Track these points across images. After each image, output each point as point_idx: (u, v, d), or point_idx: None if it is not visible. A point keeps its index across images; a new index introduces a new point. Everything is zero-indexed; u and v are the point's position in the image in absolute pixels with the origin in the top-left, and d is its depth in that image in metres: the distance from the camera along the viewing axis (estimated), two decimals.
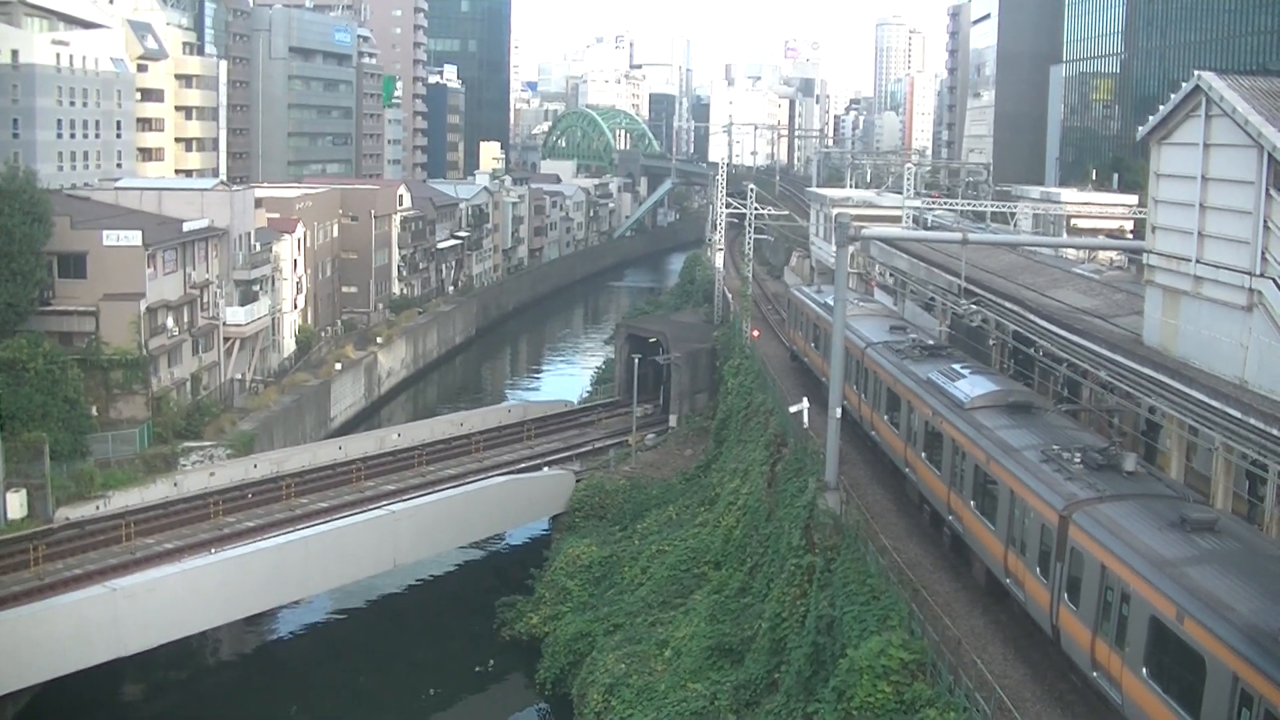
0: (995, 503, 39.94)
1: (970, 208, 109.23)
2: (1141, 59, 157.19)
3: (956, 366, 51.56)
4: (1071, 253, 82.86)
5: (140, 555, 69.06)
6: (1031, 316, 53.92)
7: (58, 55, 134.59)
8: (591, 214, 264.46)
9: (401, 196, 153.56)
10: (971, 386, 47.54)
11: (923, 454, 49.11)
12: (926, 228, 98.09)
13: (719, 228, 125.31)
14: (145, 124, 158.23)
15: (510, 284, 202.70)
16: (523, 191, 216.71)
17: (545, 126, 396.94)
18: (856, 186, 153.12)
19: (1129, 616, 30.10)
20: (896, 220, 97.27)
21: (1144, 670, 29.29)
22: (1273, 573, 28.78)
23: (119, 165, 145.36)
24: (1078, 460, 37.35)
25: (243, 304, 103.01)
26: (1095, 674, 32.03)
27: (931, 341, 60.03)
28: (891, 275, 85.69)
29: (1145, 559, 30.17)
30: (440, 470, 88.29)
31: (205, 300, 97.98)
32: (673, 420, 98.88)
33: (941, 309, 70.55)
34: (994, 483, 40.18)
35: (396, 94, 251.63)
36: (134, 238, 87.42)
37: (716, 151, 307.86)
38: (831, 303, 61.52)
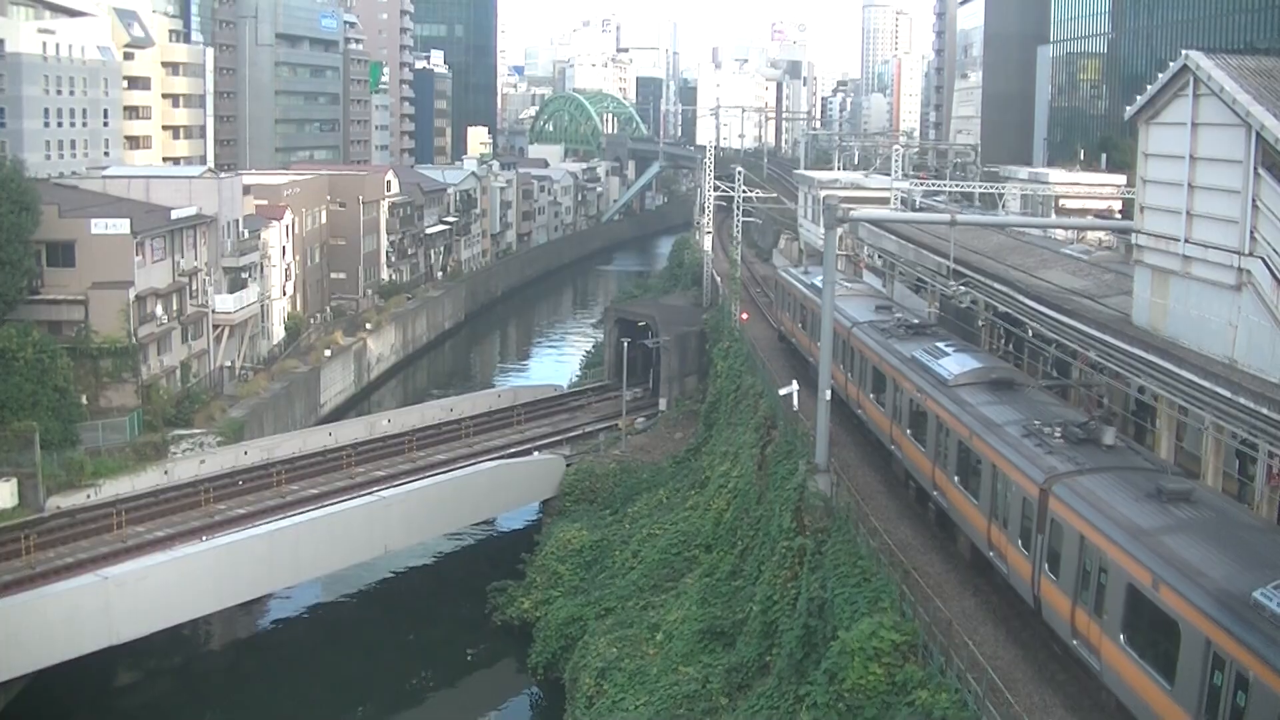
0: (978, 477, 40.53)
1: (958, 189, 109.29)
2: (1129, 39, 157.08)
3: (940, 344, 51.99)
4: (1060, 233, 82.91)
5: (132, 543, 69.02)
6: (1020, 297, 53.92)
7: (44, 44, 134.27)
8: (579, 198, 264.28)
9: (389, 182, 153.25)
10: (955, 364, 48.11)
11: (908, 431, 49.70)
12: (914, 209, 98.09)
13: (707, 211, 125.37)
14: (132, 112, 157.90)
15: (499, 269, 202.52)
16: (510, 176, 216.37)
17: (532, 111, 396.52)
18: (844, 168, 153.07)
19: (1107, 585, 30.81)
20: (885, 202, 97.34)
21: (1121, 637, 29.96)
22: (1245, 540, 29.49)
23: (106, 153, 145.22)
24: (1058, 435, 38.01)
25: (231, 291, 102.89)
26: (1075, 642, 32.73)
27: (916, 320, 60.59)
28: (880, 257, 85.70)
29: (1122, 529, 30.82)
30: (430, 456, 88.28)
31: (194, 288, 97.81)
32: (662, 404, 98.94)
33: (930, 290, 70.58)
34: (977, 458, 40.73)
35: (383, 80, 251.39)
36: (122, 226, 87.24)
37: (704, 134, 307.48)
38: (818, 283, 64.15)
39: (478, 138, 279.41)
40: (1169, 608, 27.61)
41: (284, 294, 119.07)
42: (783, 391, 60.49)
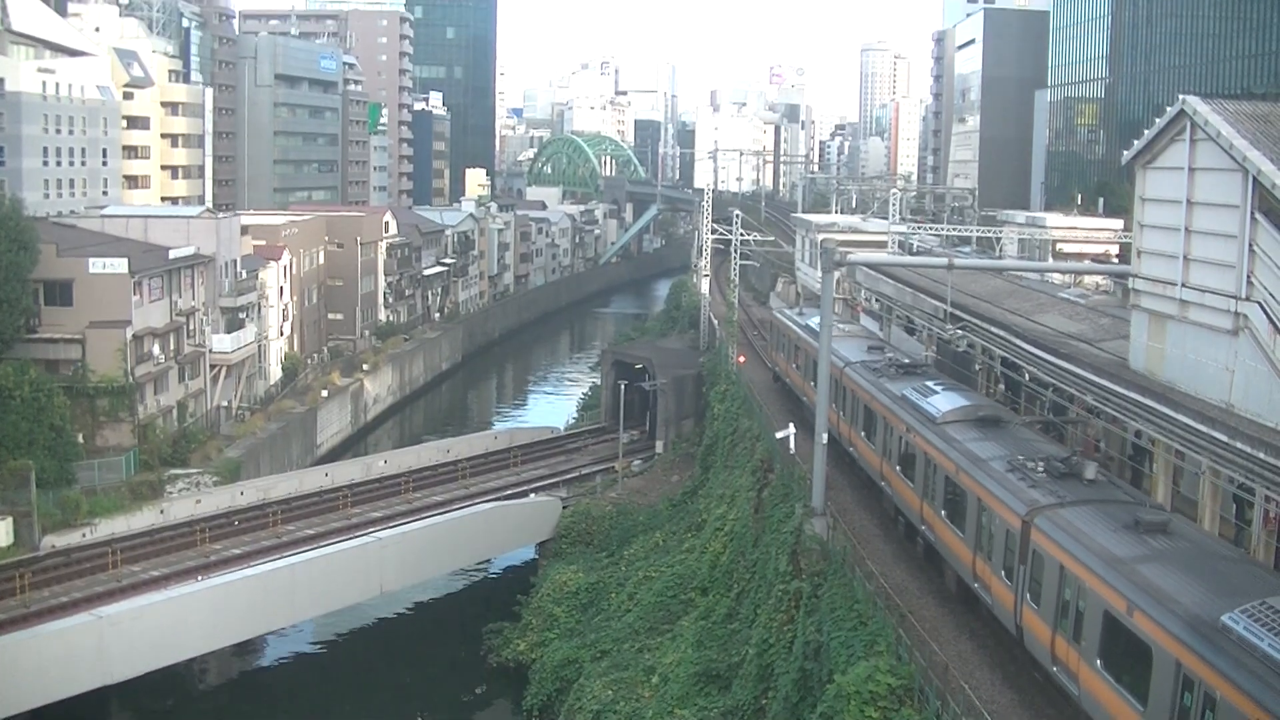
0: (964, 511, 41.60)
1: (955, 232, 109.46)
2: (1126, 83, 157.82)
3: (930, 383, 52.99)
4: (1057, 277, 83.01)
5: (127, 583, 68.82)
6: (1017, 341, 54.00)
7: (44, 83, 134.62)
8: (577, 240, 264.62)
9: (387, 223, 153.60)
10: (944, 402, 49.16)
11: (897, 467, 50.65)
12: (912, 253, 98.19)
13: (705, 254, 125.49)
14: (131, 151, 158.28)
15: (496, 310, 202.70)
16: (508, 218, 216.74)
17: (531, 153, 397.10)
18: (842, 212, 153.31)
19: (1085, 612, 31.87)
20: (882, 246, 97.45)
21: (1098, 662, 31.02)
22: (1217, 568, 30.62)
23: (105, 193, 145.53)
24: (1040, 469, 39.09)
25: (229, 331, 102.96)
26: (1055, 669, 33.70)
27: (907, 360, 61.60)
28: (878, 301, 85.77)
29: (1100, 558, 31.93)
30: (427, 497, 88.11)
31: (191, 327, 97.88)
32: (659, 446, 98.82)
33: (928, 334, 70.67)
34: (963, 492, 41.83)
35: (382, 121, 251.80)
36: (120, 265, 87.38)
37: (702, 177, 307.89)
38: (812, 324, 67.10)
39: (476, 179, 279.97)
40: (1142, 632, 28.72)
41: (281, 334, 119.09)
42: (780, 435, 60.51)
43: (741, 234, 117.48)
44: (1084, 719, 32.23)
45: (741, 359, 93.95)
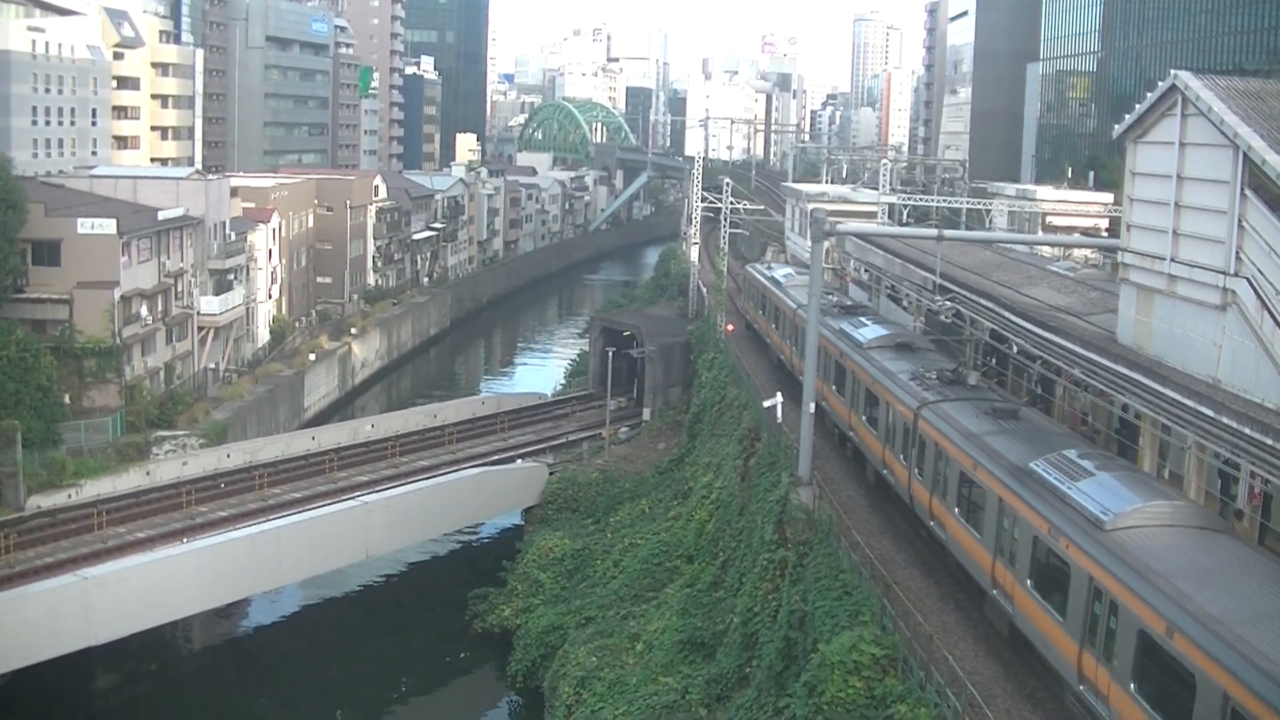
0: (877, 413, 51.60)
1: (946, 204, 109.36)
2: (1118, 58, 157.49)
3: (862, 318, 63.78)
4: (1046, 250, 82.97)
5: (112, 544, 68.83)
6: (1006, 313, 54.01)
7: (34, 41, 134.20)
8: (567, 207, 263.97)
9: (377, 187, 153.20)
10: (870, 332, 59.60)
11: (834, 387, 59.78)
12: (903, 223, 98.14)
13: (694, 222, 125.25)
14: (121, 112, 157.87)
15: (485, 276, 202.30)
16: (498, 184, 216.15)
17: (522, 119, 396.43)
18: (832, 182, 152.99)
19: (948, 475, 41.67)
20: (872, 216, 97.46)
21: (956, 510, 40.77)
22: (1045, 439, 40.29)
23: (94, 153, 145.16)
24: (934, 377, 49.34)
25: (217, 293, 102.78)
26: (932, 524, 43.50)
27: (850, 302, 72.47)
28: (867, 271, 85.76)
29: (961, 434, 41.63)
30: (413, 462, 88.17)
31: (179, 289, 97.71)
32: (646, 414, 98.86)
33: (916, 305, 70.74)
34: (877, 399, 51.80)
35: (373, 85, 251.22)
36: (108, 226, 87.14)
37: (693, 145, 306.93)
38: (777, 276, 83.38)
39: (466, 144, 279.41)
40: (980, 481, 38.57)
41: (269, 297, 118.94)
42: (767, 404, 60.57)
43: (731, 202, 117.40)
44: (951, 559, 42.02)
45: (729, 328, 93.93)
